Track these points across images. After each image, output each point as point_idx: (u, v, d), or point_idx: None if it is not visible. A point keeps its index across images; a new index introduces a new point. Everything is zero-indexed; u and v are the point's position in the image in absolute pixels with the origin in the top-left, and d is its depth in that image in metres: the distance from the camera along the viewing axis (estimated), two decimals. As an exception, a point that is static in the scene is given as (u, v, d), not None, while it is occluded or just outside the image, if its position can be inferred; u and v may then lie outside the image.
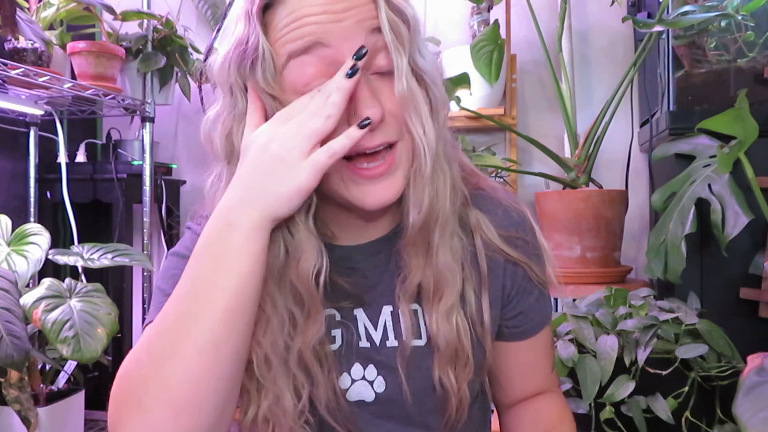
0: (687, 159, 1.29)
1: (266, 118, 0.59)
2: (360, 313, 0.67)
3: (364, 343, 0.67)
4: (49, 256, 1.54)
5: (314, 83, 0.57)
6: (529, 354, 0.75)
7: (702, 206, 1.19)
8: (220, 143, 0.63)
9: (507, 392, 0.78)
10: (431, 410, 0.68)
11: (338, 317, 0.67)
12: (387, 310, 0.68)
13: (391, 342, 0.67)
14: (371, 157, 0.59)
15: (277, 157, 0.55)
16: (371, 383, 0.67)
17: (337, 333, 0.66)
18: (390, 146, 0.60)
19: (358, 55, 0.55)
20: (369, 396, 0.67)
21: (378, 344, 0.67)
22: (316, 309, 0.62)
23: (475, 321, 0.67)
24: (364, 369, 0.67)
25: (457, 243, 0.66)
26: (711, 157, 1.21)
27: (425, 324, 0.66)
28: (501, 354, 0.75)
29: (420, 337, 0.67)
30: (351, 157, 0.58)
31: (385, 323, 0.68)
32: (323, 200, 0.62)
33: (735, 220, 1.11)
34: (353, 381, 0.67)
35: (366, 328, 0.67)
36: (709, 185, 1.16)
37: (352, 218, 0.66)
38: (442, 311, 0.64)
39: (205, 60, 2.02)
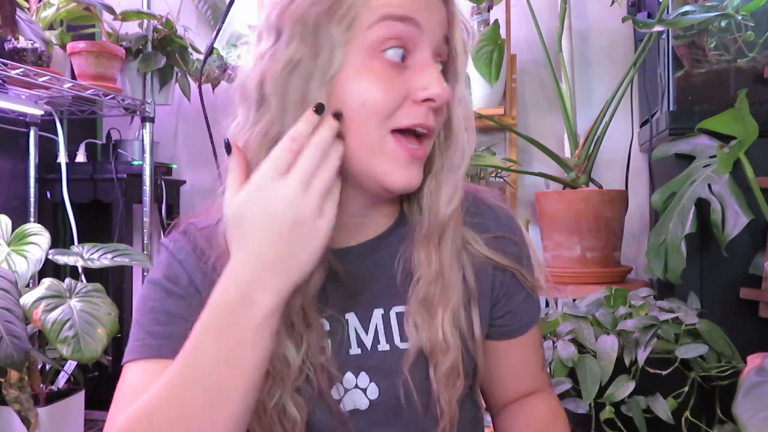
0: (687, 159, 1.29)
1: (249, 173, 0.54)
2: (351, 317, 0.66)
3: (354, 350, 0.66)
4: (49, 256, 1.54)
5: (389, 49, 0.56)
6: (518, 353, 0.76)
7: (702, 206, 1.19)
8: (273, 87, 0.57)
9: (499, 393, 0.78)
10: (424, 414, 0.67)
11: (327, 326, 0.65)
12: (378, 313, 0.67)
13: (383, 346, 0.66)
14: (417, 140, 0.59)
15: (295, 221, 0.51)
16: (364, 390, 0.66)
17: (326, 343, 0.64)
18: (428, 137, 0.61)
19: (318, 109, 0.55)
20: (363, 404, 0.66)
21: (369, 349, 0.66)
22: (315, 318, 0.62)
23: (465, 335, 0.67)
24: (356, 377, 0.66)
25: (455, 254, 0.66)
26: (711, 157, 1.21)
27: (414, 327, 0.66)
28: (491, 354, 0.75)
29: (405, 340, 0.67)
30: (403, 131, 0.58)
31: (376, 327, 0.67)
32: None
33: (735, 220, 1.11)
34: (346, 390, 0.65)
35: (357, 333, 0.66)
36: (709, 185, 1.16)
37: (347, 217, 0.63)
38: (437, 313, 0.64)
39: (205, 60, 2.02)
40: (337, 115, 0.55)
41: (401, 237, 0.67)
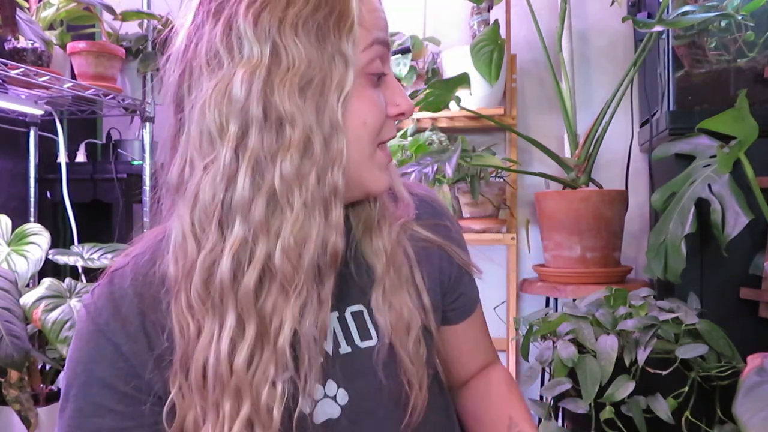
0: (687, 159, 1.29)
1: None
2: None
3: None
4: (49, 256, 1.54)
5: (377, 71, 0.60)
6: (472, 331, 0.81)
7: (702, 206, 1.19)
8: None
9: (458, 374, 0.82)
10: (396, 407, 0.66)
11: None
12: (334, 317, 0.66)
13: (344, 349, 0.65)
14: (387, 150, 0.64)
15: None
16: (334, 398, 0.64)
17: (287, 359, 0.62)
18: None
19: None
20: (335, 412, 0.64)
21: (331, 355, 0.64)
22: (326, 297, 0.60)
23: (417, 307, 0.68)
24: (324, 386, 0.64)
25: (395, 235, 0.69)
26: (711, 157, 1.21)
27: (373, 322, 0.67)
28: (448, 338, 0.79)
29: (370, 337, 0.67)
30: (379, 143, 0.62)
31: (334, 331, 0.66)
32: None
33: (735, 220, 1.11)
34: (315, 402, 0.63)
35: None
36: (709, 185, 1.16)
37: None
38: (394, 303, 0.66)
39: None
40: None
41: (350, 239, 0.67)
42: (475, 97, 1.89)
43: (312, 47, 0.54)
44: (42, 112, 1.92)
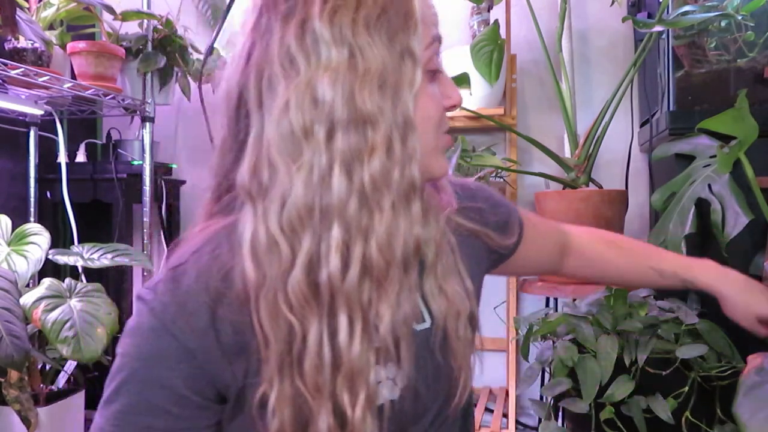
0: (687, 159, 1.29)
1: None
2: None
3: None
4: (49, 256, 1.54)
5: (436, 67, 0.63)
6: (532, 245, 0.88)
7: (702, 206, 1.19)
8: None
9: (548, 267, 0.96)
10: (449, 388, 0.69)
11: None
12: None
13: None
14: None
15: None
16: (393, 380, 0.65)
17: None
18: None
19: None
20: (394, 394, 0.64)
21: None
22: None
23: (464, 293, 0.70)
24: (384, 368, 0.64)
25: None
26: (711, 157, 1.21)
27: (426, 307, 0.68)
28: (518, 262, 0.87)
29: (424, 320, 0.68)
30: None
31: None
32: None
33: (735, 220, 1.11)
34: (376, 383, 0.63)
35: None
36: (709, 185, 1.16)
37: None
38: (445, 288, 0.67)
39: (205, 60, 2.02)
40: None
41: None
42: (475, 97, 1.89)
43: (384, 47, 0.56)
44: (42, 112, 1.92)
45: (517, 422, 1.97)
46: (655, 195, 1.29)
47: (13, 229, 1.57)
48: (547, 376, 1.17)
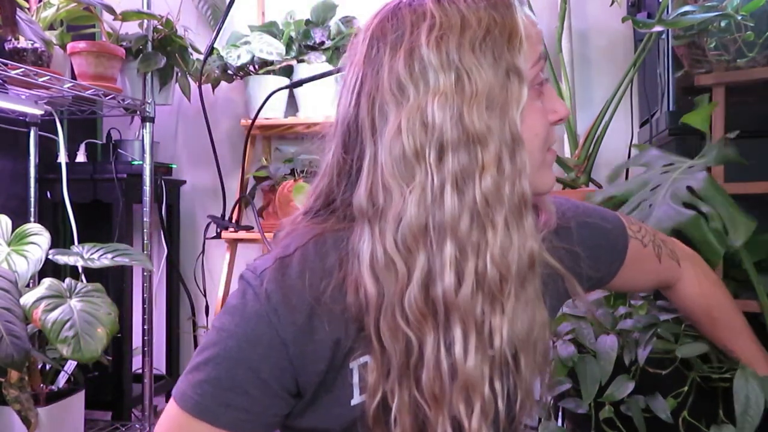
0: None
1: None
2: None
3: None
4: (49, 256, 1.54)
5: (539, 83, 0.64)
6: (630, 273, 0.86)
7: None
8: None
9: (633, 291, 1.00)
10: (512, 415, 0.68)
11: None
12: None
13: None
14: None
15: None
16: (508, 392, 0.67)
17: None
18: None
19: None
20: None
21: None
22: None
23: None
24: (500, 380, 0.65)
25: None
26: (665, 165, 1.19)
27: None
28: (619, 283, 0.88)
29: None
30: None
31: None
32: None
33: (736, 227, 1.08)
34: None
35: None
36: (689, 187, 1.10)
37: None
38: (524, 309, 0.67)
39: (205, 60, 2.02)
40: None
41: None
42: (475, 97, 1.89)
43: (490, 67, 0.58)
44: (42, 112, 1.92)
45: (517, 422, 1.97)
46: (590, 196, 1.27)
47: (13, 229, 1.57)
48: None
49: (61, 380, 1.64)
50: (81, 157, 2.18)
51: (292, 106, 2.14)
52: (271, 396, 0.61)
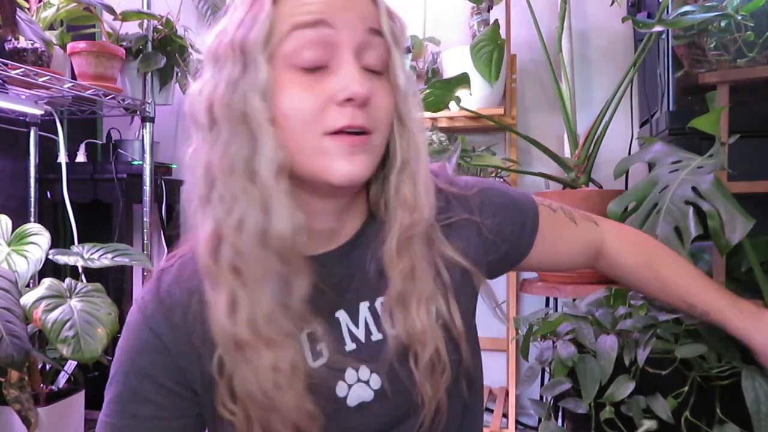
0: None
1: None
2: (342, 315, 0.68)
3: (350, 346, 0.67)
4: (49, 256, 1.54)
5: (307, 56, 0.58)
6: (547, 247, 0.81)
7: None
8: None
9: (579, 263, 0.87)
10: (415, 405, 0.68)
11: (320, 331, 0.65)
12: (364, 306, 0.69)
13: (375, 336, 0.68)
14: (357, 136, 0.60)
15: None
16: (367, 383, 0.67)
17: (322, 346, 0.66)
18: (367, 135, 0.61)
19: None
20: (368, 396, 0.67)
21: (363, 341, 0.68)
22: (309, 322, 0.63)
23: (449, 324, 0.68)
24: (357, 371, 0.67)
25: (426, 251, 0.68)
26: (674, 162, 1.18)
27: (391, 320, 0.67)
28: (532, 262, 0.82)
29: (372, 333, 0.69)
30: (337, 132, 0.59)
31: (365, 319, 0.68)
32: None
33: (735, 225, 1.09)
34: (350, 386, 0.67)
35: (349, 329, 0.68)
36: (694, 188, 1.11)
37: (322, 224, 0.66)
38: (415, 312, 0.66)
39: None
40: None
41: (374, 235, 0.68)
42: (475, 97, 1.89)
43: (233, 57, 0.60)
44: (42, 112, 1.92)
45: (517, 422, 1.98)
46: (611, 205, 1.27)
47: (13, 229, 1.57)
48: (547, 376, 1.17)
49: (61, 380, 1.64)
50: (81, 157, 2.18)
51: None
52: (173, 397, 0.64)
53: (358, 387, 0.67)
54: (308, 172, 0.60)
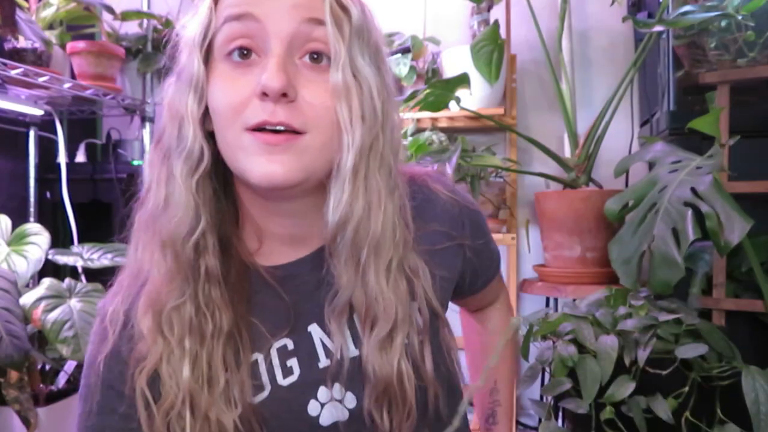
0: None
1: None
2: (314, 328, 0.64)
3: (324, 362, 0.63)
4: (49, 256, 1.54)
5: (233, 48, 0.58)
6: (482, 293, 0.84)
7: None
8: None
9: (467, 307, 0.90)
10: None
11: (291, 346, 0.63)
12: (344, 320, 0.64)
13: (352, 352, 0.63)
14: (282, 135, 0.56)
15: None
16: (341, 401, 0.63)
17: (293, 363, 0.62)
18: (296, 135, 0.56)
19: None
20: (342, 415, 0.63)
21: (339, 358, 0.62)
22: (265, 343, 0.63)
23: (419, 365, 0.63)
24: (331, 389, 0.62)
25: (402, 283, 0.62)
26: (673, 162, 1.18)
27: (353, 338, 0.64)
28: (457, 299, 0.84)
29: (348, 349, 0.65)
30: (260, 129, 0.56)
31: (342, 334, 0.63)
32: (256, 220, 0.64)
33: (733, 226, 1.09)
34: (322, 405, 0.62)
35: (323, 343, 0.64)
36: (693, 188, 1.11)
37: (282, 227, 0.64)
38: (374, 341, 0.61)
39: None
40: None
41: (349, 242, 0.61)
42: (475, 97, 1.89)
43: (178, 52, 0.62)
44: (42, 112, 1.92)
45: (517, 422, 1.97)
46: (609, 203, 1.27)
47: (13, 229, 1.57)
48: (547, 376, 1.17)
49: (61, 380, 1.64)
50: (81, 157, 2.17)
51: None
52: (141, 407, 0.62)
53: (332, 406, 0.62)
54: (234, 170, 0.59)
